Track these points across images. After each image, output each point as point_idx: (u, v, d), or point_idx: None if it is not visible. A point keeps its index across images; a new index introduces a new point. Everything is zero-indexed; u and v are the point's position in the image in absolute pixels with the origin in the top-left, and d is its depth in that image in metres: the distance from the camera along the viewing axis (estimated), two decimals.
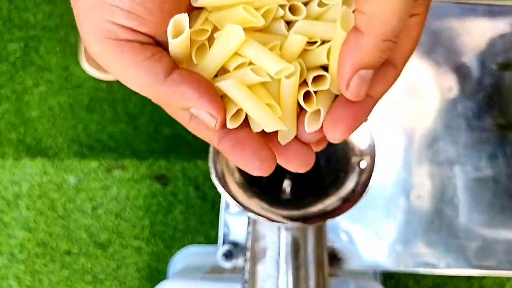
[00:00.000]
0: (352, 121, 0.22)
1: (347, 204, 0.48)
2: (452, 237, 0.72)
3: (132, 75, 0.20)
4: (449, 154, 0.73)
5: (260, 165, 0.21)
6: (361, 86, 0.20)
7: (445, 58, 0.75)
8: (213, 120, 0.20)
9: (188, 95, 0.20)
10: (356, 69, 0.20)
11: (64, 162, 1.01)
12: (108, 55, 0.19)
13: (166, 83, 0.20)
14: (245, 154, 0.21)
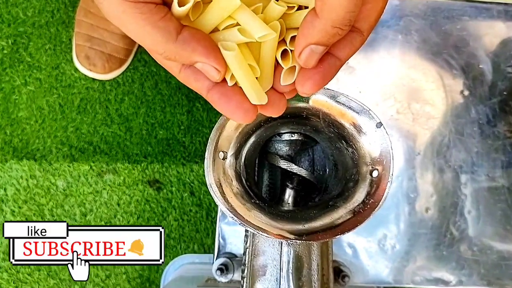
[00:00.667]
0: (319, 78, 0.25)
1: (358, 217, 0.43)
2: (464, 252, 0.67)
3: (149, 33, 0.22)
4: (461, 162, 0.69)
5: (244, 115, 0.25)
6: (310, 57, 0.24)
7: (456, 60, 0.71)
8: (217, 74, 0.24)
9: (198, 51, 0.23)
10: (307, 44, 0.23)
11: (52, 165, 0.96)
12: (127, 15, 0.22)
13: (178, 40, 0.23)
14: (230, 105, 0.25)
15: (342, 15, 0.22)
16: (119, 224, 0.95)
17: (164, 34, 0.22)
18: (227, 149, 0.45)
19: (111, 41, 0.96)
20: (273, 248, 0.49)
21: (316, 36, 0.23)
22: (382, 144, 0.45)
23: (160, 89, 1.00)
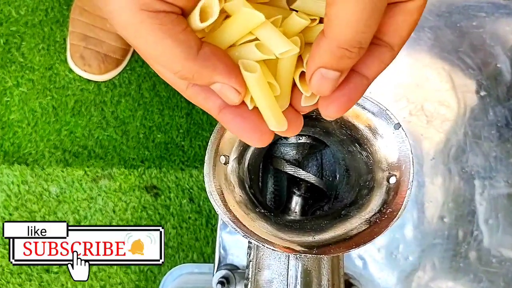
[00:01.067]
0: (345, 101, 0.22)
1: (374, 228, 0.39)
2: (482, 264, 0.63)
3: (168, 48, 0.19)
4: (478, 167, 0.64)
5: (260, 138, 0.23)
6: (321, 83, 0.21)
7: (473, 59, 0.67)
8: (237, 96, 0.21)
9: (219, 70, 0.20)
10: (316, 67, 0.21)
11: (45, 170, 0.92)
12: (145, 27, 0.19)
13: (199, 56, 0.20)
14: (246, 127, 0.23)
15: (350, 36, 0.19)
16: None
17: (185, 49, 0.20)
18: (229, 153, 0.41)
19: (107, 41, 0.92)
20: (279, 261, 0.44)
21: (323, 58, 0.20)
22: (400, 147, 0.40)
23: (158, 90, 0.96)
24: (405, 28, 0.22)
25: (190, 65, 0.20)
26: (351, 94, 0.22)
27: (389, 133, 0.40)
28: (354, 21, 0.18)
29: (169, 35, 0.19)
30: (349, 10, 0.18)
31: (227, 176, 0.41)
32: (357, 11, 0.18)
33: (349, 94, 0.22)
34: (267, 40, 0.22)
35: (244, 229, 0.39)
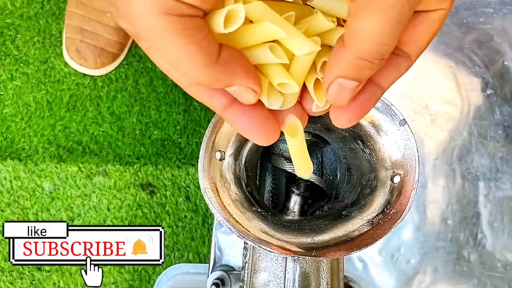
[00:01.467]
0: (357, 112, 0.22)
1: (377, 230, 0.37)
2: (486, 268, 0.61)
3: (191, 54, 0.19)
4: (484, 168, 0.62)
5: (267, 136, 0.23)
6: (339, 93, 0.20)
7: (479, 56, 0.64)
8: (254, 96, 0.21)
9: (238, 74, 0.20)
10: (335, 77, 0.20)
11: (38, 166, 0.90)
12: (168, 32, 0.18)
13: (219, 62, 0.19)
14: (253, 125, 0.22)
15: (373, 48, 0.18)
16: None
17: (207, 56, 0.19)
18: (225, 148, 0.39)
19: (104, 34, 0.90)
20: (276, 263, 0.42)
21: (342, 68, 0.20)
22: (405, 145, 0.38)
23: (155, 86, 0.94)
24: (425, 38, 0.21)
25: (210, 71, 0.19)
26: (363, 104, 0.22)
27: (394, 129, 0.38)
28: (378, 33, 0.18)
29: (193, 41, 0.18)
30: (374, 22, 0.18)
31: (222, 172, 0.39)
32: (382, 24, 0.18)
33: (361, 104, 0.22)
34: (286, 42, 0.21)
35: (240, 228, 0.37)
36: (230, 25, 0.19)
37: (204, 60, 0.19)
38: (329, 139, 0.46)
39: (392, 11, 0.17)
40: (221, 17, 0.19)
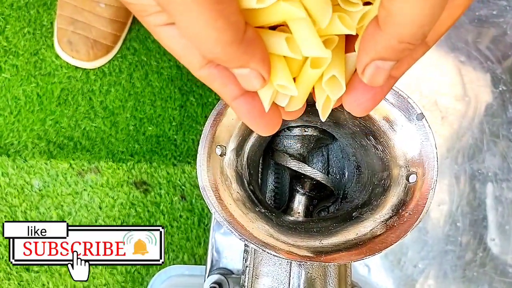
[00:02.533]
0: (370, 104, 0.23)
1: (391, 233, 0.33)
2: (498, 274, 0.58)
3: (218, 29, 0.17)
4: (496, 168, 0.59)
5: (271, 129, 0.24)
6: (376, 75, 0.20)
7: (492, 51, 0.62)
8: (262, 83, 0.20)
9: (257, 57, 0.19)
10: (371, 59, 0.20)
11: (27, 162, 0.86)
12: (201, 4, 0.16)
13: (244, 41, 0.19)
14: (261, 121, 0.23)
15: (413, 31, 0.18)
16: None
17: (233, 33, 0.18)
18: (226, 143, 0.36)
19: (97, 26, 0.86)
20: (280, 268, 0.39)
21: (380, 52, 0.19)
22: (423, 141, 0.35)
23: (151, 80, 0.90)
24: (447, 23, 0.20)
25: (233, 49, 0.18)
26: (376, 95, 0.22)
27: (410, 124, 0.35)
28: (419, 17, 0.17)
29: (222, 15, 0.17)
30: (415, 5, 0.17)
31: (223, 169, 0.35)
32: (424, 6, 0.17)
33: (374, 95, 0.22)
34: (299, 37, 0.20)
35: (242, 230, 0.33)
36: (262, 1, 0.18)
37: (230, 37, 0.18)
38: (338, 135, 0.43)
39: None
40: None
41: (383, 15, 0.18)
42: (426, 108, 0.61)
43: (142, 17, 0.20)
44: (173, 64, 0.91)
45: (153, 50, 0.92)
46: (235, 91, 0.22)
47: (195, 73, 0.21)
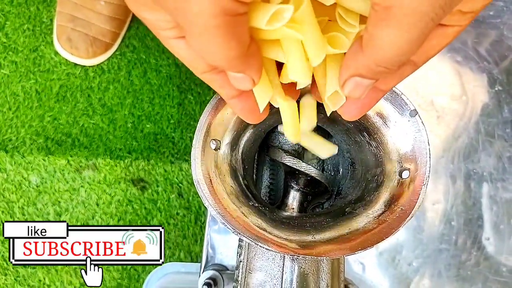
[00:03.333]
0: (357, 113, 0.26)
1: (383, 228, 0.34)
2: (492, 273, 0.58)
3: (229, 48, 0.19)
4: (491, 168, 0.60)
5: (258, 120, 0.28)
6: (355, 89, 0.22)
7: (489, 52, 0.62)
8: (252, 85, 0.23)
9: (254, 68, 0.22)
10: (350, 75, 0.21)
11: (25, 158, 0.86)
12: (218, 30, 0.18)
13: (246, 55, 0.20)
14: (251, 115, 0.27)
15: (391, 57, 0.19)
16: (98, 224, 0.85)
17: (240, 50, 0.20)
18: (221, 137, 0.36)
19: (97, 23, 0.87)
20: (273, 263, 0.39)
21: (358, 70, 0.21)
22: (416, 137, 0.35)
23: (149, 78, 0.90)
24: (436, 49, 0.21)
25: (237, 62, 0.20)
26: (364, 104, 0.25)
27: (404, 121, 0.35)
28: (398, 46, 0.18)
29: (235, 37, 0.19)
30: (395, 36, 0.17)
31: (217, 163, 0.36)
32: (403, 39, 0.18)
33: (362, 104, 0.25)
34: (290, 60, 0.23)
35: (235, 224, 0.34)
36: (271, 23, 0.20)
37: (237, 53, 0.19)
38: (332, 131, 0.43)
39: (415, 28, 0.17)
40: (266, 15, 0.19)
41: (366, 37, 0.19)
42: (422, 107, 0.61)
43: (155, 30, 0.22)
44: (172, 62, 0.92)
45: (152, 48, 0.92)
46: (232, 92, 0.25)
47: (198, 74, 0.24)
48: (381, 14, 0.17)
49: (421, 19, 0.17)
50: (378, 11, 0.17)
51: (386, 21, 0.17)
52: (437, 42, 0.21)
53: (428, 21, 0.17)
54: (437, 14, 0.17)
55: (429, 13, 0.17)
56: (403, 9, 0.16)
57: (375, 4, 0.17)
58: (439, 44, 0.21)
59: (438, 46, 0.21)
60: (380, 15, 0.17)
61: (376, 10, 0.17)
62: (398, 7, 0.17)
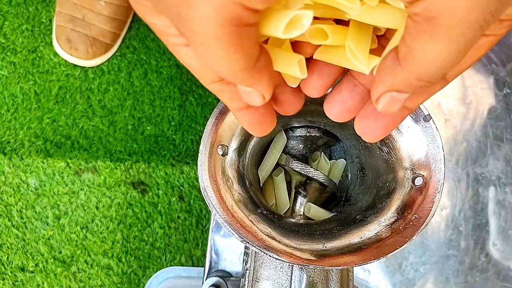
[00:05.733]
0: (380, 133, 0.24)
1: (396, 237, 0.33)
2: (500, 279, 0.57)
3: (235, 60, 0.18)
4: (499, 172, 0.59)
5: (265, 133, 0.26)
6: (390, 104, 0.20)
7: (496, 53, 0.61)
8: (262, 101, 0.21)
9: (263, 81, 0.20)
10: (387, 90, 0.20)
11: (24, 160, 0.85)
12: (222, 40, 0.17)
13: (255, 68, 0.19)
14: (259, 129, 0.25)
15: (434, 71, 0.17)
16: (98, 229, 0.84)
17: (247, 62, 0.18)
18: (228, 142, 0.35)
19: (97, 23, 0.85)
20: (281, 272, 0.38)
21: (397, 85, 0.19)
22: (429, 143, 0.34)
23: (150, 79, 0.89)
24: (468, 62, 0.20)
25: (243, 75, 0.19)
26: (388, 124, 0.23)
27: (417, 126, 0.34)
28: (444, 57, 0.17)
29: (241, 49, 0.18)
30: (440, 48, 0.16)
31: (224, 169, 0.35)
32: (449, 51, 0.16)
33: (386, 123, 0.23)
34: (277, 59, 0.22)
35: (243, 232, 0.33)
36: (289, 31, 0.18)
37: (243, 66, 0.18)
38: (341, 136, 0.42)
39: (463, 38, 0.16)
40: (283, 21, 0.18)
41: (403, 51, 0.18)
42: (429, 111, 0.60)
43: (163, 37, 0.21)
44: (173, 64, 0.91)
45: (153, 49, 0.91)
46: (240, 104, 0.23)
47: (205, 85, 0.22)
48: (422, 25, 0.16)
49: (470, 28, 0.15)
50: (419, 22, 0.16)
51: (430, 32, 0.16)
52: (470, 54, 0.19)
53: (477, 29, 0.16)
54: (486, 21, 0.16)
55: (479, 20, 0.15)
56: (451, 19, 0.15)
57: (414, 15, 0.16)
58: (472, 57, 0.20)
59: (471, 59, 0.20)
60: (421, 26, 0.16)
61: (416, 21, 0.16)
62: (444, 17, 0.15)
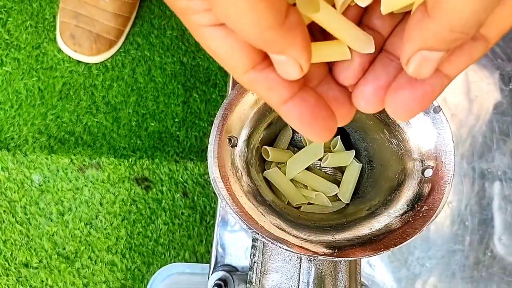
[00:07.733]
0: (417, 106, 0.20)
1: (406, 229, 0.33)
2: (506, 274, 0.57)
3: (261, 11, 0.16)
4: (505, 167, 0.59)
5: (327, 134, 0.20)
6: (422, 65, 0.18)
7: (502, 48, 0.61)
8: (300, 73, 0.19)
9: (297, 44, 0.18)
10: (418, 49, 0.18)
11: (27, 156, 0.85)
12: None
13: (284, 25, 0.17)
14: (315, 126, 0.20)
15: (468, 18, 0.16)
16: (101, 225, 0.84)
17: (274, 16, 0.16)
18: (238, 133, 0.35)
19: (101, 20, 0.85)
20: (290, 264, 0.38)
21: (427, 41, 0.17)
22: (439, 134, 0.34)
23: (154, 76, 0.89)
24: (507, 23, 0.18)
25: (272, 34, 0.17)
26: (426, 94, 0.19)
27: (427, 117, 0.34)
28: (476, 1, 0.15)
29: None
30: None
31: (234, 160, 0.35)
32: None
33: (423, 94, 0.19)
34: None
35: (253, 224, 0.32)
36: None
37: (270, 20, 0.16)
38: (349, 128, 0.42)
39: None
40: None
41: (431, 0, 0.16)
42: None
43: (187, 16, 0.19)
44: (177, 60, 0.90)
45: (157, 46, 0.91)
46: (282, 95, 0.20)
47: (239, 78, 0.20)
48: None
49: None
50: None
51: None
52: (509, 13, 0.18)
53: None
54: None
55: None
56: None
57: None
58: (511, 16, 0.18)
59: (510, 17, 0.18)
60: None
61: None
62: None
